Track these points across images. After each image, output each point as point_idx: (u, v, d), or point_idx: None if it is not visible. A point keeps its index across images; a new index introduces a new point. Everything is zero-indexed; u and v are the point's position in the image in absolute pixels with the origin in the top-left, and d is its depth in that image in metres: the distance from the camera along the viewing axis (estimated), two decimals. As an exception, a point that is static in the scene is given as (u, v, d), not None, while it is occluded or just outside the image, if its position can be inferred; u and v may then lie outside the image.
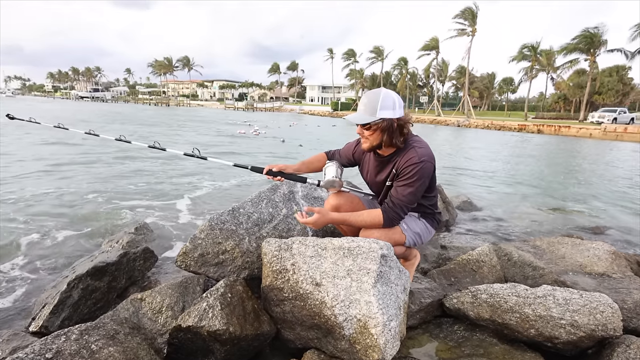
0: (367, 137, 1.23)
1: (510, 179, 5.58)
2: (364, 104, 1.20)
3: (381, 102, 1.17)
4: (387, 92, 1.20)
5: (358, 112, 1.21)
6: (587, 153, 10.46)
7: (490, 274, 1.58)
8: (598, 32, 23.99)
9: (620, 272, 1.68)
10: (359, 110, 1.21)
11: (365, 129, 1.22)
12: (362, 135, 1.25)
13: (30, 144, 6.66)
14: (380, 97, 1.17)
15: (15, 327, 1.40)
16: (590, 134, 17.87)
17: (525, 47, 28.51)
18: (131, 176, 4.36)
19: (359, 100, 1.26)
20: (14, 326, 1.42)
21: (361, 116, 1.19)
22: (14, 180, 3.86)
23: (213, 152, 7.16)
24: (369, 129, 1.21)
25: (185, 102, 51.20)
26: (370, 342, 0.97)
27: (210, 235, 1.48)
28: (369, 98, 1.19)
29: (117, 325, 1.01)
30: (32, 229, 2.49)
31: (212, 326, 1.03)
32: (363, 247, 1.10)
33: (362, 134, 1.24)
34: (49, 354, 0.83)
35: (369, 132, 1.22)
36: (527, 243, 2.13)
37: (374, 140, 1.22)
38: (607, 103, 28.25)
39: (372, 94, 1.19)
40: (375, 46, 38.32)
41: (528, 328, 1.13)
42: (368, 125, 1.20)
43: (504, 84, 44.18)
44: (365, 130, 1.22)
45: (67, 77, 77.99)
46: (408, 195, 1.20)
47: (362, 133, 1.24)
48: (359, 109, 1.21)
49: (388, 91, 1.21)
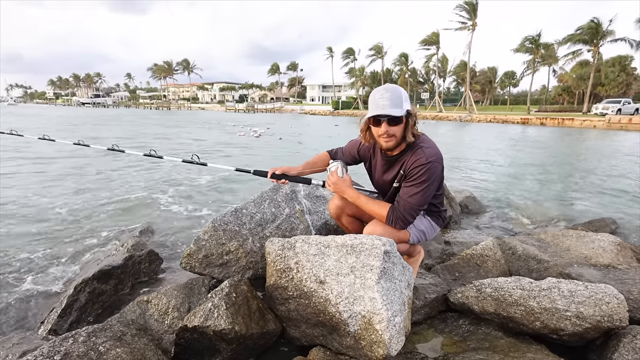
0: (394, 134, 1.15)
1: (512, 173, 5.54)
2: (388, 99, 1.12)
3: (404, 95, 1.15)
4: (400, 87, 1.18)
5: (386, 108, 1.12)
6: (591, 144, 10.35)
7: (494, 268, 1.58)
8: (600, 22, 23.61)
9: (626, 263, 1.67)
10: (384, 105, 1.12)
11: (393, 126, 1.14)
12: (387, 134, 1.15)
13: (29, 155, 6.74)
14: (401, 91, 1.15)
15: (24, 331, 1.42)
16: (595, 126, 17.65)
17: (527, 39, 28.21)
18: (131, 181, 4.39)
19: (373, 97, 1.16)
20: (23, 330, 1.44)
21: (395, 110, 1.11)
22: (13, 189, 3.91)
23: (217, 156, 7.18)
24: (398, 125, 1.14)
25: (186, 105, 51.41)
26: (375, 338, 0.98)
27: (214, 236, 1.49)
28: (392, 92, 1.13)
29: (124, 326, 1.03)
30: (38, 235, 2.52)
31: (217, 326, 1.04)
32: (366, 244, 1.10)
33: (388, 132, 1.14)
34: (57, 356, 0.84)
35: (397, 128, 1.15)
36: (531, 236, 2.12)
37: (399, 134, 1.16)
38: (611, 94, 27.83)
39: (392, 89, 1.15)
40: (375, 44, 38.18)
41: (533, 321, 1.13)
42: (396, 121, 1.14)
43: (505, 78, 43.75)
44: (394, 126, 1.14)
45: (68, 83, 78.58)
46: (416, 196, 1.17)
47: (388, 131, 1.14)
48: (382, 104, 1.12)
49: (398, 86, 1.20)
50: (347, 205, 1.39)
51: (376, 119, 1.17)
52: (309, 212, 1.74)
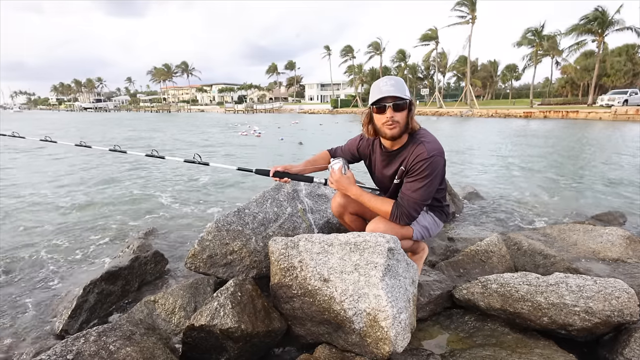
0: (398, 121, 1.16)
1: (516, 167, 5.48)
2: (392, 85, 1.14)
3: (404, 84, 1.17)
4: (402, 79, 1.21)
5: (391, 92, 1.13)
6: (597, 136, 10.18)
7: (499, 264, 1.56)
8: (606, 11, 23.09)
9: (636, 257, 1.64)
10: (389, 90, 1.13)
11: (397, 111, 1.15)
12: (392, 119, 1.15)
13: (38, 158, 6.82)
14: (403, 81, 1.18)
15: (38, 331, 1.45)
16: (600, 118, 17.35)
17: (529, 31, 27.79)
18: (135, 182, 4.43)
19: (377, 85, 1.17)
20: (36, 330, 1.47)
21: (400, 94, 1.12)
22: (19, 190, 3.97)
23: (219, 155, 7.21)
24: (401, 111, 1.15)
25: (185, 107, 51.62)
26: (380, 335, 0.98)
27: (218, 236, 1.50)
28: (395, 80, 1.16)
29: (132, 326, 1.04)
30: (47, 238, 2.56)
31: (224, 324, 1.05)
32: (369, 242, 1.10)
33: (393, 117, 1.15)
34: (70, 355, 0.86)
35: (400, 114, 1.15)
36: (536, 231, 2.10)
37: (403, 122, 1.17)
38: (617, 85, 27.30)
39: (395, 78, 1.18)
40: (373, 41, 37.92)
41: (541, 316, 1.12)
42: (402, 107, 1.15)
43: (507, 71, 43.17)
44: (398, 112, 1.15)
45: (70, 89, 79.36)
46: (420, 191, 1.17)
47: (393, 117, 1.15)
48: (387, 90, 1.13)
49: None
50: (349, 203, 1.39)
51: (380, 106, 1.16)
52: (311, 210, 1.74)
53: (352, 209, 1.42)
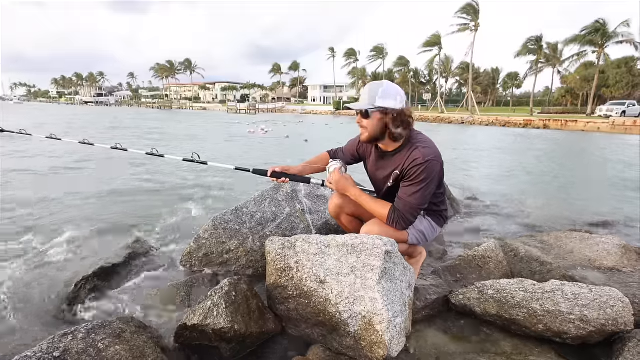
0: (365, 127, 1.23)
1: (515, 174, 5.50)
2: (365, 92, 1.20)
3: (382, 91, 1.17)
4: (390, 83, 1.20)
5: (360, 101, 1.22)
6: (595, 147, 10.26)
7: (496, 270, 1.56)
8: (606, 23, 23.41)
9: (631, 266, 1.65)
10: (361, 99, 1.21)
11: (364, 118, 1.22)
12: (361, 125, 1.24)
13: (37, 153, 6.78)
14: (382, 87, 1.18)
15: (25, 327, 1.43)
16: (599, 128, 17.49)
17: (530, 40, 28.06)
18: (133, 179, 4.41)
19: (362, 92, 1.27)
20: (24, 326, 1.44)
21: (361, 104, 1.20)
22: (16, 187, 3.93)
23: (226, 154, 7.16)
24: (367, 118, 1.21)
25: (188, 104, 51.56)
26: (375, 339, 0.97)
27: (214, 235, 1.49)
28: (370, 87, 1.21)
29: (123, 324, 1.02)
30: (41, 233, 2.53)
31: (217, 324, 1.04)
32: (367, 244, 1.09)
33: (360, 123, 1.23)
34: (56, 353, 0.84)
35: (367, 121, 1.21)
36: (534, 238, 2.10)
37: (372, 130, 1.22)
38: (616, 96, 27.58)
39: (375, 84, 1.21)
40: (376, 45, 38.11)
41: (536, 323, 1.11)
42: (367, 115, 1.20)
43: (508, 79, 43.52)
44: (364, 119, 1.22)
45: (71, 82, 79.11)
46: (416, 195, 1.17)
47: (361, 122, 1.23)
48: (361, 98, 1.22)
49: (391, 83, 1.21)
50: (346, 205, 1.38)
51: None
52: (310, 211, 1.74)
53: (349, 210, 1.41)
